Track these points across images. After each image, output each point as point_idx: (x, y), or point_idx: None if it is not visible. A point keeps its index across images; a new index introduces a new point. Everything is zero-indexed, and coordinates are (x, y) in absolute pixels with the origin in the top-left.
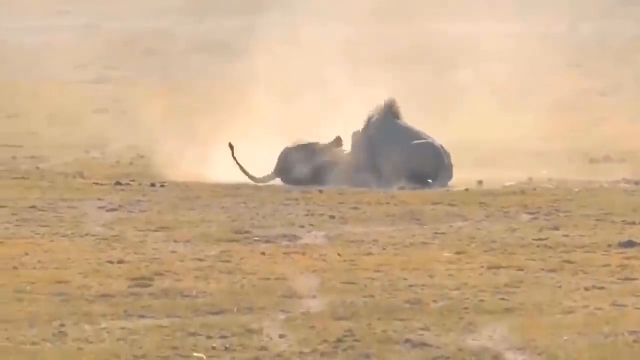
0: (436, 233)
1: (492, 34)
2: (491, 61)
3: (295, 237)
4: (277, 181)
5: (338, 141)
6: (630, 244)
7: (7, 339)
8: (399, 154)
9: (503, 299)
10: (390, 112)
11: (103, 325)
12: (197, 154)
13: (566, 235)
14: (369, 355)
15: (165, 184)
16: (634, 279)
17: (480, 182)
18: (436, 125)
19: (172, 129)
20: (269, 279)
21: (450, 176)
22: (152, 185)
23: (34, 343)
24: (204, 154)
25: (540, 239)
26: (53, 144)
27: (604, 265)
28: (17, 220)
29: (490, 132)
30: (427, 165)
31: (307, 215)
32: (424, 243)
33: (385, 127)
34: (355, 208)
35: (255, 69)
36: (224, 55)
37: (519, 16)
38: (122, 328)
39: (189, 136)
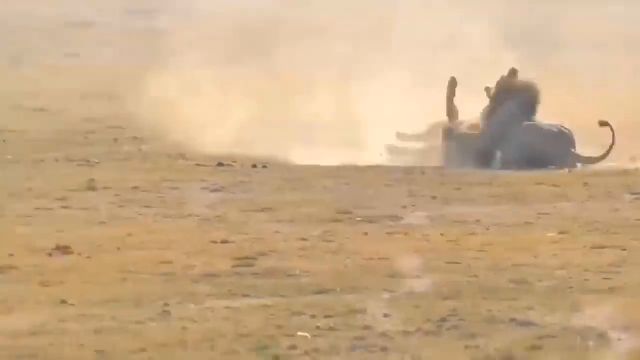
0: (540, 213)
1: None
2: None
3: (398, 218)
4: None
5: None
6: None
7: (113, 318)
8: (525, 136)
9: (607, 278)
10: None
11: (207, 304)
12: None
13: None
14: (474, 335)
15: (267, 166)
16: None
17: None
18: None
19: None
20: (372, 259)
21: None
22: (254, 166)
23: (138, 322)
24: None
25: None
26: (155, 126)
27: None
28: (120, 201)
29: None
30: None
31: (409, 196)
32: (527, 223)
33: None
34: (458, 189)
35: None
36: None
37: None
38: (227, 307)
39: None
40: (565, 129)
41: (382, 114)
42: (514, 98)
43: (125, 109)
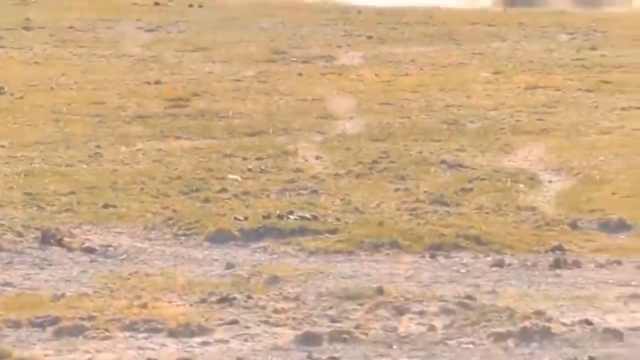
0: (474, 53)
1: None
2: None
3: (332, 58)
4: None
5: None
6: None
7: (43, 160)
8: None
9: (540, 119)
10: None
11: (139, 146)
12: None
13: (604, 55)
14: (404, 177)
15: (203, 5)
16: None
17: None
18: None
19: None
20: (305, 100)
21: None
22: (191, 5)
23: (69, 165)
24: None
25: (578, 59)
26: None
27: None
28: (55, 41)
29: None
30: None
31: (345, 35)
32: (461, 63)
33: None
34: (394, 28)
35: None
36: None
37: None
38: (158, 149)
39: None
40: None
41: None
42: None
43: None
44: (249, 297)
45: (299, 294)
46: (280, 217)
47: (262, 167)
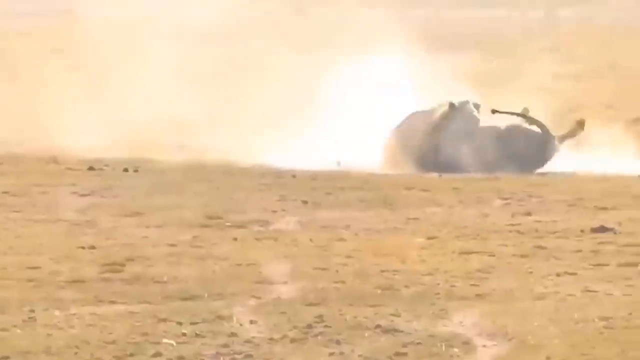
0: (409, 218)
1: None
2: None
3: (267, 223)
4: None
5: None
6: (602, 229)
7: None
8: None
9: (475, 284)
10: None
11: (73, 311)
12: None
13: (539, 221)
14: (339, 342)
15: (138, 170)
16: (605, 265)
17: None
18: None
19: None
20: (240, 264)
21: None
22: (126, 170)
23: (3, 329)
24: None
25: (512, 225)
26: (27, 129)
27: (576, 251)
28: None
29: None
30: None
31: (279, 200)
32: (396, 228)
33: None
34: (329, 193)
35: None
36: None
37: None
38: (93, 314)
39: None
40: None
41: None
42: None
43: None
44: None
45: None
46: None
47: (197, 332)
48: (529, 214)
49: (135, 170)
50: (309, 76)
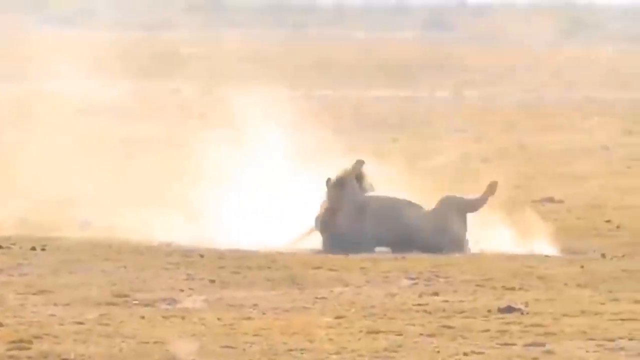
0: (316, 298)
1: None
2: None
3: (175, 301)
4: None
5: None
6: (509, 309)
7: None
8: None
9: None
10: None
11: None
12: None
13: (446, 301)
14: None
15: (45, 248)
16: (512, 344)
17: None
18: None
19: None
20: (147, 342)
21: None
22: (33, 248)
23: None
24: None
25: (420, 304)
26: None
27: (483, 331)
28: None
29: None
30: None
31: (187, 279)
32: (304, 307)
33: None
34: (236, 272)
35: None
36: None
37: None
38: None
39: None
40: None
41: None
42: None
43: None
44: None
45: None
46: None
47: None
48: (436, 293)
49: (43, 249)
50: (215, 152)
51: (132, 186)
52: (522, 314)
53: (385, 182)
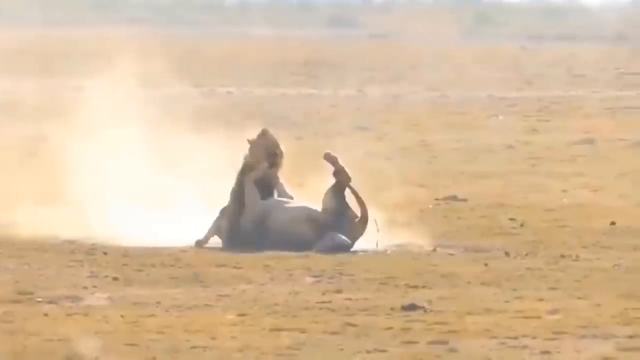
0: (220, 295)
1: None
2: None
3: (78, 299)
4: None
5: None
6: (412, 307)
7: None
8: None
9: None
10: None
11: None
12: None
13: (349, 299)
14: None
15: None
16: (416, 342)
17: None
18: None
19: None
20: (51, 340)
21: None
22: None
23: None
24: None
25: (323, 302)
26: None
27: (387, 329)
28: None
29: None
30: None
31: (90, 276)
32: (207, 305)
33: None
34: (140, 270)
35: None
36: None
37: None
38: None
39: None
40: None
41: None
42: None
43: None
44: None
45: None
46: None
47: None
48: (339, 291)
49: None
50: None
51: (32, 183)
52: (425, 311)
53: (288, 182)
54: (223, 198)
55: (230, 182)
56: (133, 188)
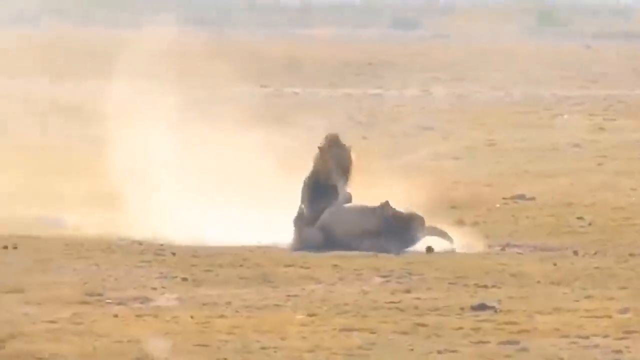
0: (289, 295)
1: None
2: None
3: (147, 300)
4: None
5: None
6: (482, 307)
7: None
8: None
9: None
10: None
11: None
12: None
13: (419, 298)
14: None
15: (17, 247)
16: (486, 342)
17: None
18: None
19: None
20: (121, 341)
21: None
22: (5, 247)
23: None
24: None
25: (392, 302)
26: None
27: (457, 329)
28: None
29: None
30: None
31: (159, 277)
32: (276, 305)
33: None
34: (209, 270)
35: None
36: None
37: None
38: None
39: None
40: None
41: None
42: None
43: None
44: None
45: None
46: None
47: None
48: (408, 291)
49: (15, 247)
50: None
51: (98, 185)
52: (495, 311)
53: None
54: (289, 198)
55: (297, 182)
56: (199, 188)
